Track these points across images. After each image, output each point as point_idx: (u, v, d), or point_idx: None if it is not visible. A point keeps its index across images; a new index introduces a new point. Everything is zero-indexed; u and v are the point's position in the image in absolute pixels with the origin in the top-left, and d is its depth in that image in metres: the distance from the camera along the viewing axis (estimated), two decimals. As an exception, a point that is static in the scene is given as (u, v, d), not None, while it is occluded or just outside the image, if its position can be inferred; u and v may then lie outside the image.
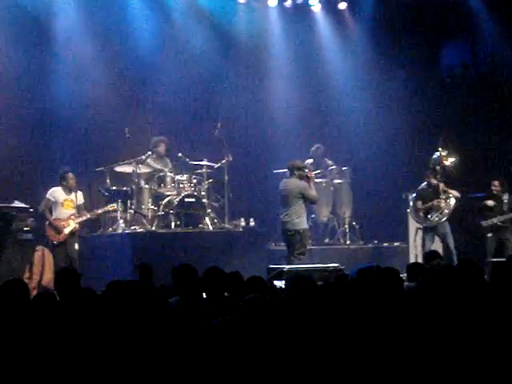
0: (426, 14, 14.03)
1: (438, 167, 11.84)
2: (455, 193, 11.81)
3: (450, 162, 11.96)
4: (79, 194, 11.03)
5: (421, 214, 11.81)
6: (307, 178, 10.52)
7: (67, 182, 10.85)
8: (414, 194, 12.09)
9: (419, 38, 14.24)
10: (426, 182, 11.93)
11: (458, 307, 4.04)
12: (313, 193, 10.52)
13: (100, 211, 11.42)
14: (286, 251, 10.54)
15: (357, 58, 14.59)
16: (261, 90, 14.35)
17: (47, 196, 10.90)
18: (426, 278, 4.30)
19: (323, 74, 14.66)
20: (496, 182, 12.00)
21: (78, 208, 10.96)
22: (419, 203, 11.82)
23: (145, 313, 3.93)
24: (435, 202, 11.67)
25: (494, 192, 12.00)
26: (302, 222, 10.42)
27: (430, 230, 11.71)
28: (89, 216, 11.18)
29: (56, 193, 10.89)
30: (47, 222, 10.84)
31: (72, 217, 10.86)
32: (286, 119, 14.36)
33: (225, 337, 3.31)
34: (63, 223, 10.79)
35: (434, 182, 11.75)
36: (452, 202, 11.71)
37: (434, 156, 12.01)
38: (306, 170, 10.70)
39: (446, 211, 11.66)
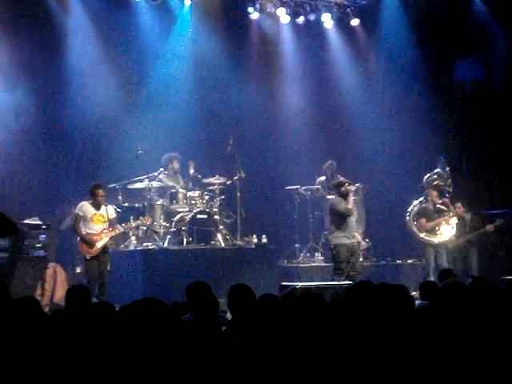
0: (439, 31, 14.02)
1: (441, 183, 11.89)
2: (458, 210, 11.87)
3: (449, 181, 12.06)
4: (110, 208, 10.73)
5: (424, 231, 11.77)
6: (345, 193, 10.77)
7: (96, 198, 10.50)
8: (414, 210, 12.00)
9: (432, 54, 14.21)
10: (422, 199, 11.92)
11: (470, 326, 4.00)
12: (342, 206, 10.70)
13: (134, 224, 11.33)
14: None
15: (369, 75, 14.59)
16: (273, 107, 14.37)
17: (76, 211, 10.63)
18: (437, 296, 4.25)
19: (336, 90, 14.66)
20: (459, 204, 12.02)
21: (110, 222, 10.63)
22: (423, 221, 11.77)
23: (156, 330, 3.90)
24: (441, 220, 11.69)
25: (459, 213, 11.99)
26: (333, 238, 10.69)
27: (432, 248, 11.69)
28: (122, 230, 10.97)
29: (85, 208, 10.57)
30: (78, 238, 10.57)
31: (105, 231, 10.56)
32: (298, 135, 14.37)
33: (233, 354, 3.28)
34: (96, 237, 10.46)
35: (437, 199, 11.77)
36: (454, 220, 11.77)
37: (441, 172, 12.03)
38: (345, 186, 10.90)
39: (453, 227, 11.71)
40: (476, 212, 12.38)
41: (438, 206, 11.88)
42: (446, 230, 11.76)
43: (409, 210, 12.13)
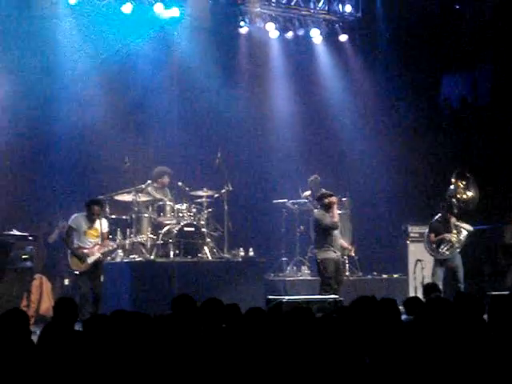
0: (427, 47, 14.15)
1: (453, 200, 11.84)
2: (467, 226, 11.70)
3: (467, 195, 11.98)
4: (104, 221, 10.38)
5: (434, 246, 11.71)
6: (328, 205, 10.64)
7: (91, 212, 10.14)
8: (428, 229, 11.96)
9: (420, 70, 14.33)
10: (440, 214, 11.85)
11: (454, 341, 4.03)
12: (327, 220, 10.57)
13: (128, 241, 11.26)
14: None
15: (357, 89, 14.68)
16: (262, 121, 14.42)
17: (69, 223, 10.26)
18: (422, 311, 4.29)
19: (323, 105, 14.74)
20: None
21: (103, 236, 10.28)
22: (432, 236, 11.68)
23: (140, 342, 3.92)
24: (446, 236, 11.60)
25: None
26: (320, 252, 10.57)
27: (441, 263, 11.61)
28: (115, 246, 10.80)
29: (78, 220, 10.21)
30: (69, 251, 10.21)
31: (97, 246, 10.20)
32: (286, 149, 14.43)
33: (220, 367, 3.29)
34: (87, 252, 10.14)
35: (447, 215, 11.68)
36: (463, 235, 11.63)
37: (450, 188, 12.02)
38: (328, 198, 10.75)
39: (457, 245, 11.57)
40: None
41: (447, 220, 11.73)
42: (445, 247, 11.63)
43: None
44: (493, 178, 13.44)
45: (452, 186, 12.04)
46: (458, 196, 12.00)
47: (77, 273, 10.17)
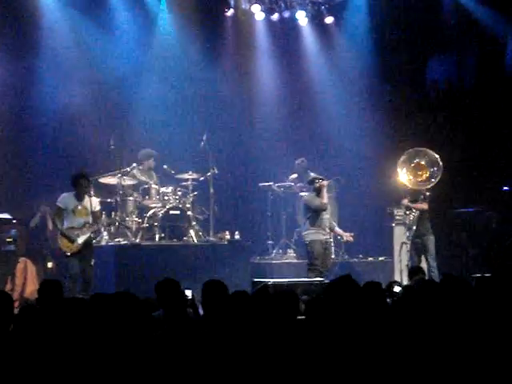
0: (413, 29, 14.12)
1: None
2: (419, 206, 11.71)
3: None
4: (94, 200, 10.21)
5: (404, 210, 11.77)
6: (319, 189, 10.91)
7: (78, 188, 9.95)
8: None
9: (405, 52, 14.32)
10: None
11: (440, 323, 4.03)
12: (317, 201, 10.84)
13: (117, 219, 11.14)
14: None
15: (343, 72, 14.64)
16: (247, 103, 14.38)
17: (57, 203, 10.08)
18: (404, 294, 4.29)
19: (309, 87, 14.70)
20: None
21: (94, 215, 10.11)
22: (405, 201, 11.77)
23: (128, 325, 3.89)
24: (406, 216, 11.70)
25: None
26: (308, 234, 10.85)
27: (416, 248, 11.64)
28: (104, 223, 10.66)
29: (66, 199, 10.04)
30: (59, 232, 10.02)
31: (87, 225, 10.03)
32: (271, 132, 14.39)
33: (205, 350, 3.28)
34: (77, 232, 9.95)
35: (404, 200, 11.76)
36: (413, 216, 11.67)
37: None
38: (319, 182, 11.01)
39: (409, 225, 11.66)
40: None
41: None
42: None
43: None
44: (475, 161, 13.48)
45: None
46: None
47: (68, 254, 9.97)
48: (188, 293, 5.91)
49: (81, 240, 9.96)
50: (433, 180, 11.54)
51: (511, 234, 12.24)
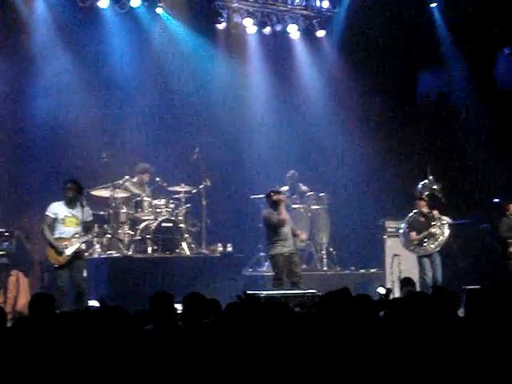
0: (404, 42, 14.22)
1: (436, 193, 11.93)
2: (448, 219, 11.80)
3: (437, 186, 12.06)
4: (86, 210, 9.86)
5: (415, 243, 11.75)
6: (275, 203, 10.77)
7: (67, 193, 9.62)
8: (404, 225, 11.96)
9: (396, 65, 14.40)
10: (415, 211, 11.86)
11: (429, 335, 4.06)
12: (274, 217, 10.73)
13: (109, 229, 11.06)
14: None
15: (334, 85, 14.71)
16: (239, 116, 14.41)
17: (46, 212, 9.76)
18: (397, 306, 4.32)
19: (301, 100, 14.76)
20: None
21: (86, 226, 9.76)
22: (413, 234, 11.74)
23: (118, 339, 3.90)
24: (431, 230, 11.66)
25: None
26: (270, 249, 10.79)
27: (427, 258, 11.69)
28: (95, 234, 10.34)
29: (56, 208, 9.72)
30: (47, 243, 9.66)
31: (76, 236, 9.68)
32: (263, 145, 14.42)
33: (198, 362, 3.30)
34: (65, 243, 9.59)
35: (426, 209, 11.75)
36: (446, 228, 11.72)
37: (423, 183, 12.11)
38: (276, 195, 10.89)
39: (441, 238, 11.66)
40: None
41: (427, 215, 11.81)
42: (435, 241, 11.71)
43: (403, 223, 12.01)
44: (466, 173, 13.56)
45: (424, 182, 12.14)
46: (435, 188, 12.10)
47: (56, 266, 9.68)
48: (179, 307, 5.92)
49: (69, 251, 9.59)
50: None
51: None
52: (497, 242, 12.13)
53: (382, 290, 7.83)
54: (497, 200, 12.83)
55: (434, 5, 14.25)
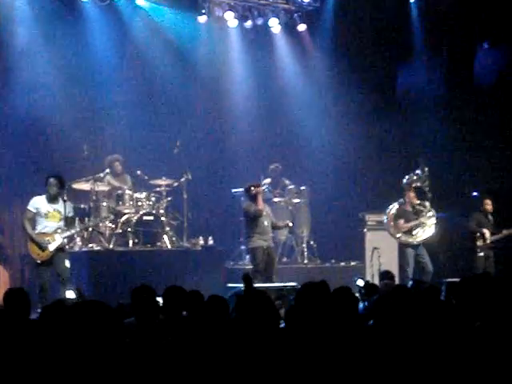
0: (384, 37, 14.28)
1: (417, 184, 12.06)
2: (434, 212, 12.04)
3: (429, 181, 12.22)
4: (69, 205, 9.84)
5: (404, 231, 11.90)
6: (255, 196, 10.99)
7: (49, 188, 9.57)
8: (386, 217, 12.13)
9: (376, 60, 14.46)
10: (400, 201, 12.05)
11: (411, 328, 4.11)
12: (252, 208, 10.93)
13: (91, 223, 11.02)
14: None
15: (315, 80, 14.75)
16: (220, 110, 14.42)
17: (28, 207, 9.72)
18: (379, 299, 4.36)
19: (282, 94, 14.79)
20: (489, 201, 12.14)
21: (67, 221, 9.72)
22: (401, 222, 11.91)
23: (96, 334, 3.90)
24: (422, 220, 11.85)
25: (488, 210, 12.15)
26: (249, 242, 11.02)
27: (412, 249, 11.83)
28: (78, 229, 10.31)
29: (38, 203, 9.66)
30: (29, 238, 9.60)
31: (58, 230, 9.66)
32: (245, 139, 14.45)
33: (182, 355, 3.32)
34: (48, 238, 9.59)
35: (416, 201, 11.90)
36: (434, 220, 11.90)
37: (416, 174, 12.22)
38: (255, 188, 11.09)
39: (429, 230, 11.85)
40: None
41: (416, 207, 11.98)
42: (425, 231, 11.89)
43: (387, 211, 12.21)
44: (446, 166, 13.65)
45: (420, 172, 12.27)
46: (426, 182, 12.25)
47: (38, 262, 9.64)
48: (160, 299, 5.95)
49: (52, 247, 9.58)
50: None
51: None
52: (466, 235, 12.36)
53: (360, 283, 7.96)
54: (475, 194, 12.96)
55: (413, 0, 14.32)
